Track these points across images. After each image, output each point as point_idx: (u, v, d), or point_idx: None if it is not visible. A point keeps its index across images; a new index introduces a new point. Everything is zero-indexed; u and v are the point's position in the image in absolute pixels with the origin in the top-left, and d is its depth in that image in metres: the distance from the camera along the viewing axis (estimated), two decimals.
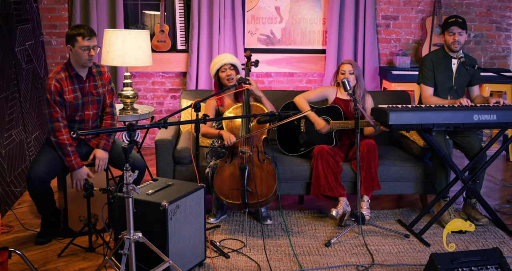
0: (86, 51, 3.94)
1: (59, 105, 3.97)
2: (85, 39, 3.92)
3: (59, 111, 3.96)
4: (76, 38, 3.92)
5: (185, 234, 3.49)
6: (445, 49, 4.68)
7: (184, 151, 4.54)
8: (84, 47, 3.92)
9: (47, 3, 6.43)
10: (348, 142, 4.74)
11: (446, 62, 4.67)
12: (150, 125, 3.25)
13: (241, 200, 4.16)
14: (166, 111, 6.87)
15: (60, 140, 3.97)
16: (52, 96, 3.94)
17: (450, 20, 4.58)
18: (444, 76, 4.67)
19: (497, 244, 4.18)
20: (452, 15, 4.66)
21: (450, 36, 4.57)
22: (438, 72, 4.67)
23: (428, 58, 4.72)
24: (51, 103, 3.95)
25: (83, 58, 3.97)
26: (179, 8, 6.62)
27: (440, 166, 4.52)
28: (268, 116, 3.85)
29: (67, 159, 3.99)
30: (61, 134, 3.97)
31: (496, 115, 4.13)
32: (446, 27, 4.58)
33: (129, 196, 3.07)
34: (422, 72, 4.72)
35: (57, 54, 6.56)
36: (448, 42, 4.59)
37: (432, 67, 4.67)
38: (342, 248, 4.08)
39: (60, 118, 3.97)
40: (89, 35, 3.93)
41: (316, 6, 6.77)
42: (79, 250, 3.93)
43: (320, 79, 6.90)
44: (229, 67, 4.59)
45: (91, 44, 3.94)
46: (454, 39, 4.55)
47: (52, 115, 3.97)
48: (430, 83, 4.68)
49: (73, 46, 3.95)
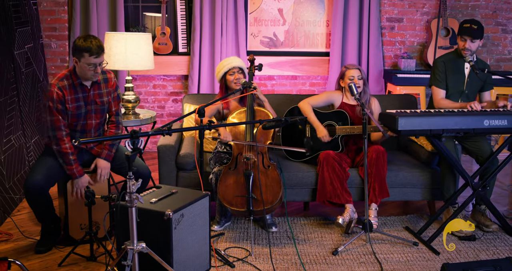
0: (93, 68, 3.80)
1: (62, 113, 3.86)
2: (92, 57, 3.75)
3: (61, 120, 3.85)
4: (83, 54, 3.75)
5: (189, 243, 3.40)
6: (458, 53, 4.58)
7: (187, 157, 4.44)
8: (90, 65, 3.77)
9: (46, 5, 6.34)
10: (354, 148, 4.65)
11: (458, 66, 4.58)
12: (154, 132, 3.16)
13: (245, 207, 4.07)
14: (167, 115, 6.77)
15: (62, 149, 3.86)
16: (55, 104, 3.82)
17: (465, 25, 4.46)
18: (455, 80, 4.58)
19: (508, 252, 4.09)
20: (469, 20, 4.49)
21: (462, 42, 4.47)
22: (450, 76, 4.57)
23: (440, 60, 4.62)
24: (54, 111, 3.83)
25: (88, 74, 3.83)
26: (180, 10, 6.53)
27: (448, 172, 4.43)
28: (274, 122, 3.76)
29: (69, 167, 3.89)
30: (64, 143, 3.86)
31: (507, 121, 4.04)
32: (460, 31, 4.48)
33: (132, 205, 2.98)
34: (434, 74, 4.62)
35: (57, 57, 6.47)
36: (459, 47, 4.50)
37: (444, 70, 4.57)
38: (350, 256, 3.99)
39: (62, 126, 3.86)
40: (97, 53, 3.75)
41: (319, 8, 6.69)
42: (80, 259, 3.84)
43: (324, 82, 6.81)
44: (237, 71, 4.52)
45: (97, 62, 3.79)
46: (464, 47, 4.45)
47: (54, 124, 3.85)
48: (442, 85, 4.58)
49: (79, 60, 3.78)
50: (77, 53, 3.78)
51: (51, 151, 3.95)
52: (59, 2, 6.34)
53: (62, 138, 3.86)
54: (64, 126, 3.87)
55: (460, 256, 4.02)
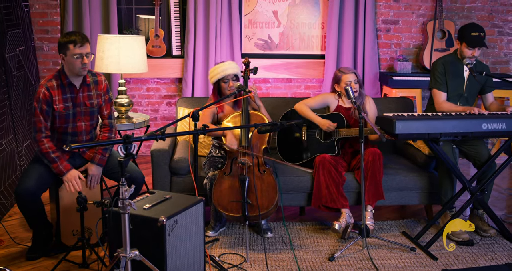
0: (79, 59, 3.77)
1: (45, 114, 3.81)
2: (77, 47, 3.75)
3: (42, 121, 3.80)
4: (67, 46, 3.76)
5: (184, 250, 3.34)
6: (458, 56, 4.53)
7: (181, 161, 4.38)
8: (76, 55, 3.75)
9: (38, 7, 6.26)
10: (351, 150, 4.60)
11: (457, 68, 4.53)
12: (147, 137, 3.09)
13: (241, 213, 4.01)
14: (161, 118, 6.71)
15: (42, 149, 3.82)
16: (39, 104, 3.79)
17: (473, 33, 4.37)
18: (455, 83, 4.53)
19: (506, 257, 4.04)
20: (474, 25, 4.40)
21: (469, 50, 4.39)
22: (449, 78, 4.52)
23: (440, 62, 4.57)
24: (37, 112, 3.80)
25: (76, 67, 3.80)
26: (174, 12, 6.47)
27: (446, 176, 4.38)
28: (269, 126, 3.70)
29: (53, 166, 3.82)
30: (43, 144, 3.81)
31: (505, 124, 4.00)
32: (468, 41, 4.38)
33: (125, 212, 2.92)
34: (434, 77, 4.56)
35: (49, 60, 6.39)
36: (465, 55, 4.42)
37: (444, 72, 4.52)
38: (347, 262, 3.93)
39: (43, 128, 3.82)
40: (81, 42, 3.76)
41: (314, 10, 6.64)
42: (72, 266, 3.77)
43: (319, 85, 6.76)
44: (232, 78, 4.45)
45: (83, 52, 3.77)
46: (473, 55, 4.40)
47: (36, 125, 3.82)
48: (443, 88, 4.53)
49: (65, 55, 3.78)
50: (62, 48, 3.79)
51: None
52: (51, 4, 6.27)
53: (41, 139, 3.82)
54: (44, 128, 3.82)
55: (458, 261, 3.97)
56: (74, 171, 3.88)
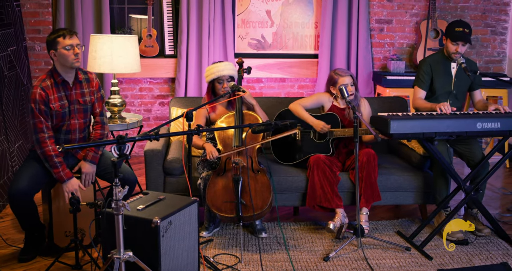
0: (71, 50, 3.77)
1: (44, 115, 3.76)
2: (66, 38, 3.77)
3: (43, 122, 3.75)
4: (57, 40, 3.76)
5: (178, 251, 3.31)
6: (445, 53, 4.54)
7: (175, 162, 4.35)
8: (67, 46, 3.76)
9: (30, 7, 6.22)
10: (345, 151, 4.58)
11: (445, 67, 4.54)
12: (141, 137, 3.06)
13: (235, 213, 3.99)
14: (154, 118, 6.68)
15: (46, 151, 3.75)
16: (37, 105, 3.74)
17: (457, 29, 4.41)
18: (443, 81, 4.53)
19: (501, 257, 4.03)
20: (459, 21, 4.46)
21: (453, 46, 4.42)
22: (436, 77, 4.53)
23: (426, 61, 4.58)
24: (36, 113, 3.74)
25: (69, 59, 3.78)
26: (167, 12, 6.44)
27: (440, 176, 4.37)
28: (263, 126, 3.68)
29: (55, 171, 3.77)
30: (46, 146, 3.75)
31: (500, 123, 3.99)
32: (452, 36, 4.42)
33: (118, 213, 2.89)
34: (419, 75, 4.59)
35: (41, 59, 6.35)
36: (450, 51, 4.45)
37: (430, 71, 4.53)
38: (342, 262, 3.91)
39: (45, 128, 3.76)
40: (70, 33, 3.79)
41: (308, 9, 6.62)
42: (65, 267, 3.73)
43: (312, 85, 6.75)
44: (227, 79, 4.43)
45: (74, 43, 3.79)
46: (457, 50, 4.42)
47: (37, 126, 3.76)
48: (424, 87, 4.56)
49: (56, 50, 3.77)
50: (51, 45, 3.80)
51: (35, 155, 3.85)
52: (43, 3, 6.22)
53: (44, 141, 3.76)
54: (46, 128, 3.77)
55: (453, 261, 3.96)
56: (75, 180, 3.84)
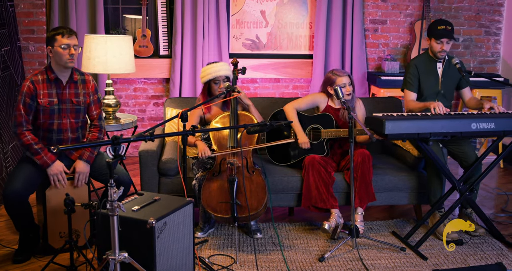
0: (67, 50, 3.79)
1: (28, 108, 3.79)
2: (64, 37, 3.78)
3: (23, 115, 3.79)
4: (55, 38, 3.79)
5: (173, 252, 3.30)
6: (430, 54, 4.56)
7: (169, 162, 4.34)
8: (64, 45, 3.77)
9: (24, 7, 6.20)
10: (340, 151, 4.59)
11: (431, 67, 4.57)
12: (136, 138, 3.05)
13: (230, 214, 3.98)
14: (148, 118, 6.66)
15: (24, 142, 3.79)
16: (23, 97, 3.79)
17: (439, 27, 4.44)
18: (430, 81, 4.56)
19: (495, 257, 4.04)
20: (440, 20, 4.52)
21: (438, 44, 4.45)
22: (424, 77, 4.55)
23: (412, 64, 4.61)
24: (19, 105, 3.79)
25: (63, 58, 3.79)
26: (161, 12, 6.43)
27: (435, 176, 4.38)
28: (259, 127, 3.67)
29: (37, 157, 3.79)
30: (24, 136, 3.79)
31: (494, 124, 4.00)
32: (435, 34, 4.44)
33: (113, 214, 2.88)
34: (406, 78, 4.62)
35: (35, 60, 6.33)
36: (434, 50, 4.48)
37: (417, 73, 4.56)
38: (337, 263, 3.91)
39: (23, 122, 3.79)
40: (69, 33, 3.80)
41: (302, 10, 6.62)
42: (60, 268, 3.72)
43: (307, 85, 6.75)
44: (223, 79, 4.42)
45: (71, 43, 3.80)
46: (442, 49, 4.44)
47: (16, 119, 3.80)
48: (413, 89, 4.58)
49: (53, 47, 3.79)
50: (50, 41, 3.82)
51: (29, 157, 3.84)
52: (37, 4, 6.20)
53: (22, 132, 3.79)
54: (25, 122, 3.80)
55: (448, 261, 3.96)
56: (59, 162, 3.85)
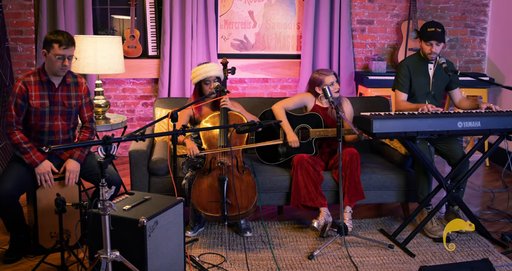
0: (60, 60, 3.78)
1: (19, 109, 3.81)
2: (61, 48, 3.76)
3: (14, 116, 3.81)
4: (52, 45, 3.77)
5: (164, 250, 3.33)
6: (421, 55, 4.61)
7: (159, 162, 4.36)
8: (58, 55, 3.77)
9: (12, 8, 6.19)
10: (328, 150, 4.63)
11: (422, 68, 4.61)
12: (127, 138, 3.08)
13: (220, 213, 4.01)
14: (137, 119, 6.68)
15: (14, 141, 3.83)
16: (14, 98, 3.81)
17: (429, 29, 4.48)
18: (421, 82, 4.60)
19: (482, 253, 4.10)
20: (431, 22, 4.57)
21: (428, 46, 4.50)
22: (415, 78, 4.59)
23: (404, 64, 4.65)
24: (11, 106, 3.81)
25: (55, 67, 3.81)
26: (150, 13, 6.44)
27: (422, 174, 4.43)
28: (248, 126, 3.70)
29: (26, 156, 3.81)
30: (14, 135, 3.83)
31: (480, 122, 4.05)
32: (425, 36, 4.49)
33: (105, 213, 2.90)
34: (397, 79, 4.66)
35: (23, 61, 6.32)
36: (425, 52, 4.53)
37: (408, 74, 4.60)
38: (326, 260, 3.95)
39: (14, 123, 3.82)
40: (67, 44, 3.77)
41: (290, 10, 6.66)
42: (51, 268, 3.73)
43: (295, 85, 6.79)
44: (214, 80, 4.45)
45: (66, 54, 3.79)
46: (431, 51, 4.49)
47: (7, 119, 3.84)
48: (404, 89, 4.62)
49: (48, 52, 3.80)
50: (47, 45, 3.81)
51: (19, 157, 3.86)
52: (25, 4, 6.20)
53: (12, 132, 3.83)
54: (16, 123, 3.83)
55: (435, 258, 4.02)
56: (47, 162, 3.88)
